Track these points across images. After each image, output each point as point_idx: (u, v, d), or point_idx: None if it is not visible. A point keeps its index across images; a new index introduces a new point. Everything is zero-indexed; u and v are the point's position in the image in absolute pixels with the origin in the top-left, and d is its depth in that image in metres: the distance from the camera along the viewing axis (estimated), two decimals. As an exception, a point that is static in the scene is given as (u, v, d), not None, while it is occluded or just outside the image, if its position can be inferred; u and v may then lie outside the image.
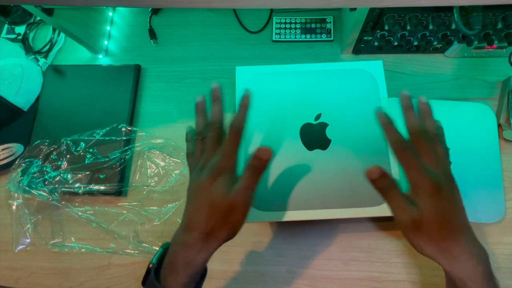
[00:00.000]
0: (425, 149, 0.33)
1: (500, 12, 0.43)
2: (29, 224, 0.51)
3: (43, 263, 0.51)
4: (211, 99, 0.39)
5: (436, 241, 0.31)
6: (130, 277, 0.49)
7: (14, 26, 0.66)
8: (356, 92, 0.42)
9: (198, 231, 0.32)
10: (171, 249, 0.34)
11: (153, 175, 0.54)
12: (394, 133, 0.33)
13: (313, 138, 0.41)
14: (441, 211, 0.30)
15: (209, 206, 0.32)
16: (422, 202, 0.31)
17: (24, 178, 0.52)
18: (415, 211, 0.30)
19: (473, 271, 0.30)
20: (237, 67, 0.44)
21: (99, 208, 0.53)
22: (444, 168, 0.33)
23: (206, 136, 0.37)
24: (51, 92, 0.59)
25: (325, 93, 0.42)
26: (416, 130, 0.34)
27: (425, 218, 0.30)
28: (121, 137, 0.54)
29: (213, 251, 0.33)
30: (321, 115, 0.41)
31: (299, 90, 0.42)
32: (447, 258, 0.31)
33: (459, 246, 0.31)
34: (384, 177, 0.31)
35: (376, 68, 0.43)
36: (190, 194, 0.35)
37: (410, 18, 0.46)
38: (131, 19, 0.65)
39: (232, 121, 0.35)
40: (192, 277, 0.34)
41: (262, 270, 0.48)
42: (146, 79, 0.60)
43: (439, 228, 0.30)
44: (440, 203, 0.30)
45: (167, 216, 0.51)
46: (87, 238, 0.51)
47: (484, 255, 0.32)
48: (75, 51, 0.63)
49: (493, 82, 0.54)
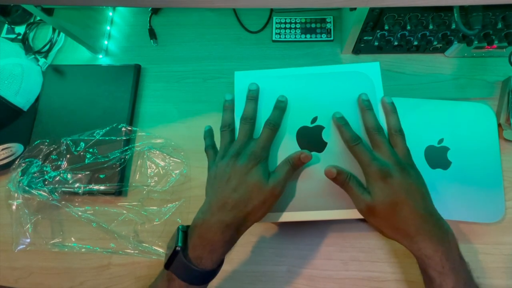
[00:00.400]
0: (377, 142, 0.37)
1: (500, 12, 0.43)
2: (29, 224, 0.51)
3: (43, 263, 0.51)
4: (246, 97, 0.42)
5: (391, 222, 0.34)
6: (130, 277, 0.49)
7: (14, 26, 0.66)
8: (353, 94, 0.42)
9: (239, 209, 0.35)
10: (204, 230, 0.35)
11: (153, 175, 0.54)
12: (345, 133, 0.39)
13: (310, 141, 0.41)
14: (390, 194, 0.34)
15: (253, 188, 0.35)
16: (372, 188, 0.35)
17: (24, 178, 0.52)
18: (368, 197, 0.35)
19: (432, 250, 0.33)
20: (236, 72, 0.45)
21: (99, 208, 0.53)
22: (396, 157, 0.36)
23: (239, 128, 0.40)
24: (51, 92, 0.59)
25: (321, 96, 0.42)
26: (368, 126, 0.39)
27: (376, 202, 0.34)
28: (121, 137, 0.54)
29: (246, 230, 0.37)
30: (317, 118, 0.42)
31: (296, 93, 0.43)
32: (405, 238, 0.34)
33: (415, 226, 0.33)
34: (340, 174, 0.37)
35: (373, 70, 0.43)
36: (222, 176, 0.37)
37: (410, 18, 0.46)
38: (131, 19, 0.65)
39: (270, 118, 0.40)
40: (225, 255, 0.36)
41: (262, 270, 0.48)
42: (146, 79, 0.60)
43: (390, 210, 0.34)
44: (388, 187, 0.34)
45: (167, 216, 0.51)
46: (87, 238, 0.51)
47: (446, 235, 0.34)
48: (75, 51, 0.63)
49: (493, 82, 0.54)
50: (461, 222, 0.46)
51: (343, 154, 0.40)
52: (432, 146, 0.48)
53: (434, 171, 0.47)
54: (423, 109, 0.50)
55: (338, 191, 0.38)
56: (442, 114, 0.50)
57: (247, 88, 0.43)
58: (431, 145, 0.48)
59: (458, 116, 0.50)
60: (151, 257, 0.50)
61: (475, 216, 0.46)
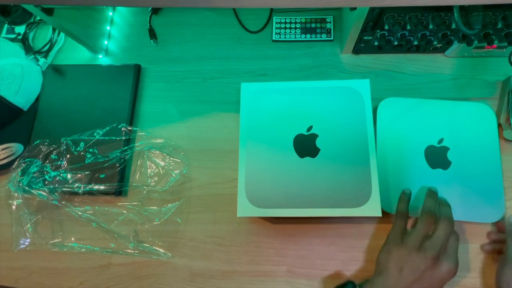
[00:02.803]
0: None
1: (500, 12, 0.43)
2: (29, 224, 0.51)
3: (43, 263, 0.51)
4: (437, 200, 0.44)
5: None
6: (130, 277, 0.49)
7: (14, 26, 0.66)
8: (344, 107, 0.47)
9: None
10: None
11: (153, 175, 0.54)
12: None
13: (305, 147, 0.46)
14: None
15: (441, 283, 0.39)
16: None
17: (24, 178, 0.52)
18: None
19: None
20: (242, 84, 0.50)
21: (99, 208, 0.52)
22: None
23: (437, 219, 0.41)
24: (51, 91, 0.59)
25: (317, 108, 0.47)
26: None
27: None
28: (121, 137, 0.54)
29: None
30: (312, 127, 0.47)
31: (295, 104, 0.48)
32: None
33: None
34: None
35: (363, 87, 0.48)
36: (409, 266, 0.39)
37: (410, 17, 0.46)
38: (131, 19, 0.65)
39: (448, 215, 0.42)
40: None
41: (262, 270, 0.48)
42: (146, 79, 0.60)
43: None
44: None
45: (167, 216, 0.51)
46: (87, 238, 0.51)
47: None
48: (75, 51, 0.63)
49: (493, 82, 0.54)
50: (461, 222, 0.46)
51: (334, 160, 0.45)
52: (432, 146, 0.48)
53: (434, 171, 0.47)
54: (423, 109, 0.50)
55: (327, 192, 0.43)
56: (442, 114, 0.50)
57: (252, 99, 0.49)
58: (431, 145, 0.49)
59: (458, 116, 0.50)
60: (151, 257, 0.50)
61: (475, 216, 0.46)
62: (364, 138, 0.45)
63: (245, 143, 0.46)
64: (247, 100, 0.49)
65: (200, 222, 0.51)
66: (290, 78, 0.57)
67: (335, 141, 0.45)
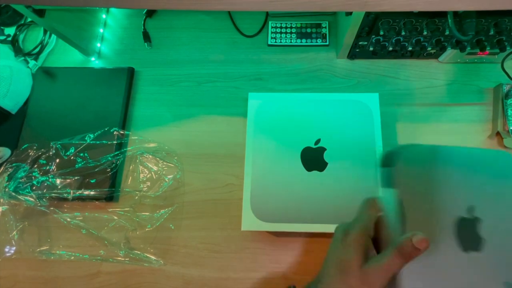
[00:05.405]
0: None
1: (492, 19, 0.44)
2: (15, 231, 0.50)
3: (29, 271, 0.49)
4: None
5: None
6: (120, 285, 0.47)
7: (3, 27, 0.65)
8: (353, 121, 0.46)
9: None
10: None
11: (145, 180, 0.53)
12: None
13: (312, 160, 0.45)
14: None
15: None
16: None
17: (11, 183, 0.50)
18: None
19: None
20: (250, 93, 0.49)
21: (89, 214, 0.51)
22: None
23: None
24: (41, 95, 0.58)
25: (325, 121, 0.47)
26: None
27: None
28: (112, 141, 0.53)
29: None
30: (320, 140, 0.46)
31: (303, 116, 0.47)
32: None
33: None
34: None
35: (372, 100, 0.47)
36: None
37: (405, 23, 0.46)
38: (124, 21, 0.64)
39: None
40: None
41: (258, 276, 0.47)
42: (140, 82, 0.59)
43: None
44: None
45: (159, 222, 0.50)
46: (76, 245, 0.50)
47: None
48: (66, 53, 0.62)
49: (486, 88, 0.54)
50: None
51: (342, 175, 0.43)
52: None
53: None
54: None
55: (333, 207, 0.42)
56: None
57: (258, 108, 0.47)
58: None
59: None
60: (142, 265, 0.48)
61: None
62: (373, 152, 0.44)
63: (251, 154, 0.46)
64: (254, 110, 0.48)
65: (193, 228, 0.50)
66: (285, 83, 0.57)
67: (343, 155, 0.45)
